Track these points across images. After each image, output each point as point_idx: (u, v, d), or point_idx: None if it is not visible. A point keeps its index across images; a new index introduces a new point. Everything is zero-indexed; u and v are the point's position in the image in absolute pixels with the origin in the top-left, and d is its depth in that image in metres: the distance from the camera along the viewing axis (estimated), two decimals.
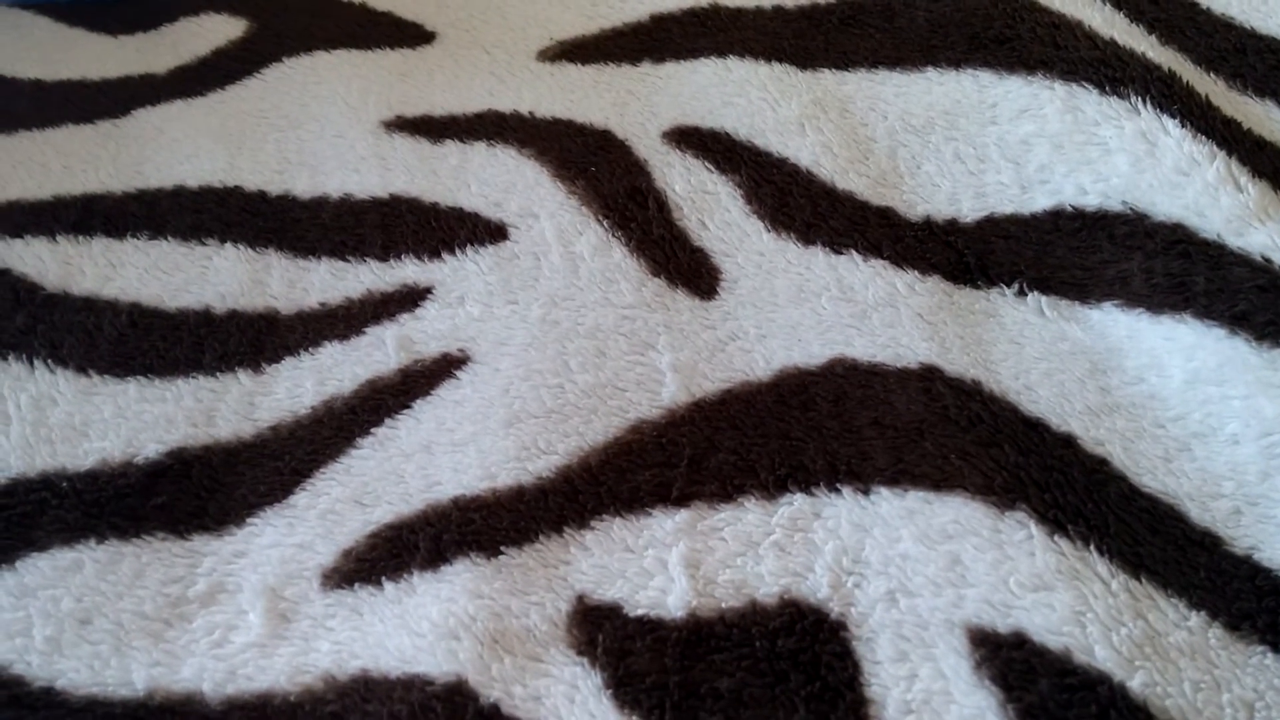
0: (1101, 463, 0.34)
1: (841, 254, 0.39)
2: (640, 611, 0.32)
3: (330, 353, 0.38)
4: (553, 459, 0.35)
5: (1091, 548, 0.32)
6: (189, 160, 0.45)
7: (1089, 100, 0.41)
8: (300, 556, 0.33)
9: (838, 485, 0.34)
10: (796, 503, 0.34)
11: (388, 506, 0.34)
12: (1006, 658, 0.30)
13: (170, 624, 0.32)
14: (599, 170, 0.43)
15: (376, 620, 0.32)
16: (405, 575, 0.32)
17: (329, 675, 0.30)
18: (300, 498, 0.34)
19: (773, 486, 0.34)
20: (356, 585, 0.32)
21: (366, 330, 0.38)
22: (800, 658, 0.30)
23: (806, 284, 0.39)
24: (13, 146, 0.46)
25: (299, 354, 0.38)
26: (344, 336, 0.38)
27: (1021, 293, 0.38)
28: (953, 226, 0.40)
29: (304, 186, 0.43)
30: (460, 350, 0.38)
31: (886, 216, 0.41)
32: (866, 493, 0.34)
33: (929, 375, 0.36)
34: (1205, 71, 0.44)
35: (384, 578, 0.32)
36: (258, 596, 0.32)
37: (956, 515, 0.33)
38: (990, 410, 0.35)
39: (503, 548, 0.33)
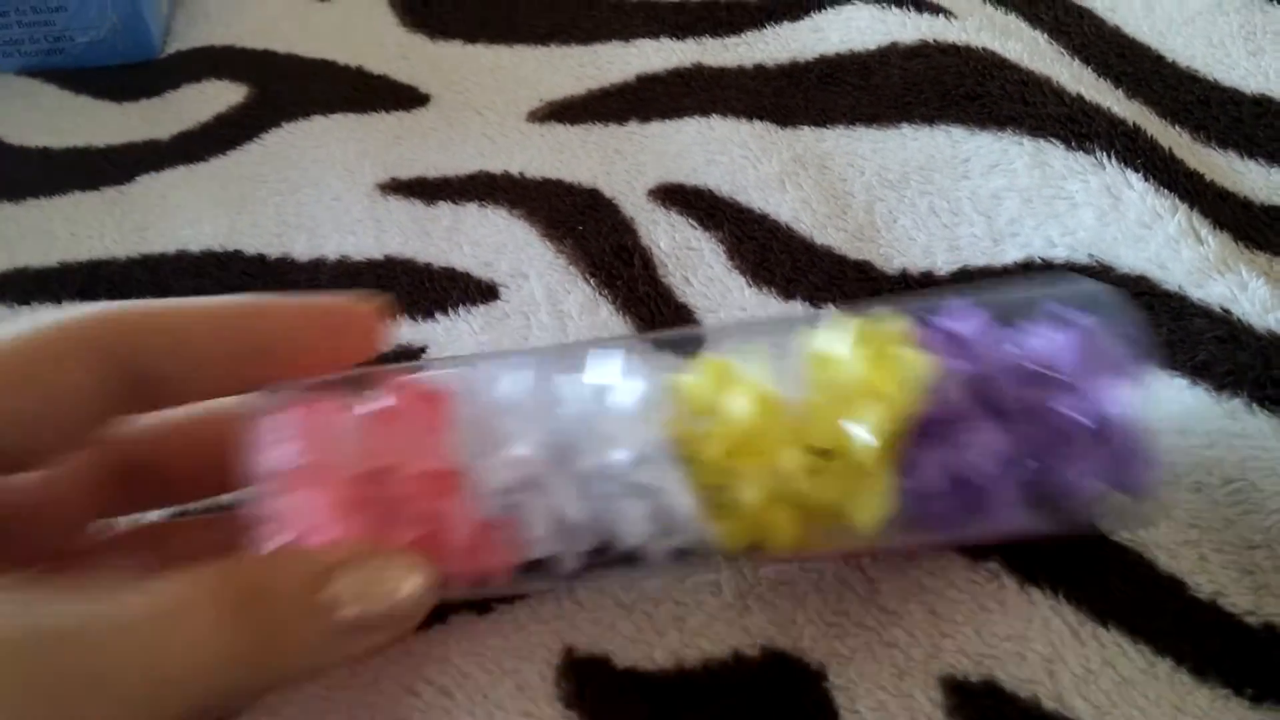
0: None
1: (820, 308, 0.41)
2: (629, 664, 0.33)
3: None
4: None
5: (1061, 596, 0.33)
6: (191, 225, 0.46)
7: (1056, 155, 0.43)
8: None
9: None
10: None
11: None
12: (979, 706, 0.31)
13: None
14: (586, 229, 0.44)
15: (372, 678, 0.33)
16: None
17: None
18: None
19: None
20: None
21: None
22: (782, 708, 0.32)
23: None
24: (21, 215, 0.47)
25: None
26: None
27: None
28: (928, 279, 0.42)
29: (302, 249, 0.45)
30: None
31: (864, 270, 0.42)
32: None
33: None
34: (1170, 124, 0.45)
35: None
36: None
37: (932, 566, 0.34)
38: None
39: (494, 604, 0.34)
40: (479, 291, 0.43)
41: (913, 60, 0.48)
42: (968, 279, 0.42)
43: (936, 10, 0.50)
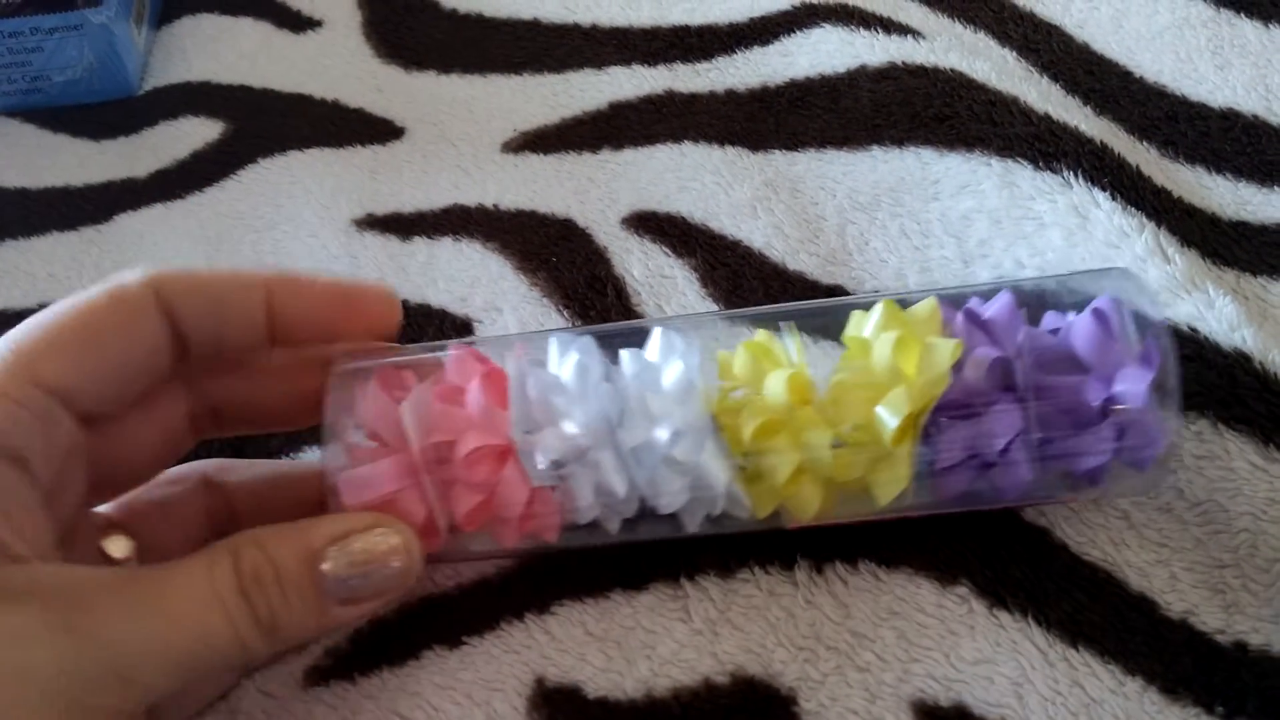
0: (1042, 534, 0.35)
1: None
2: (600, 693, 0.33)
3: (312, 459, 0.40)
4: None
5: (1030, 619, 0.33)
6: (169, 264, 0.47)
7: (1024, 175, 0.43)
8: (289, 658, 0.35)
9: (793, 563, 0.35)
10: (753, 580, 0.35)
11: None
12: None
13: None
14: (560, 260, 0.44)
15: (349, 713, 0.33)
16: (376, 671, 0.34)
17: None
18: None
19: (732, 563, 0.35)
20: (332, 681, 0.34)
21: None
22: None
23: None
24: None
25: (284, 458, 0.40)
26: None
27: None
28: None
29: None
30: None
31: (836, 295, 0.42)
32: (820, 570, 0.35)
33: None
34: (1138, 140, 0.45)
35: (356, 673, 0.34)
36: (246, 695, 0.34)
37: (903, 591, 0.34)
38: None
39: (465, 638, 0.34)
40: (454, 328, 0.43)
41: (881, 82, 0.48)
42: None
43: (905, 31, 0.50)
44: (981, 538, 0.35)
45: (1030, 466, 0.31)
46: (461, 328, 0.43)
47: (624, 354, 0.32)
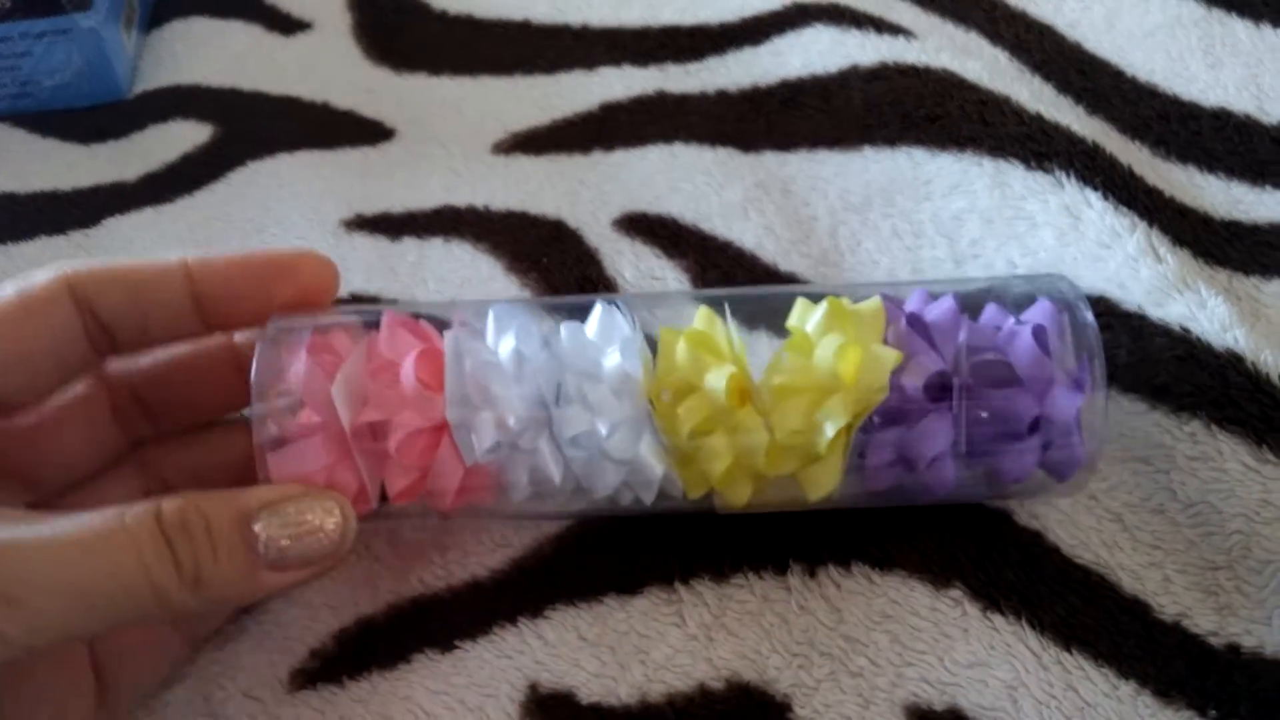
0: (1036, 536, 0.35)
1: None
2: (593, 699, 0.33)
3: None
4: (508, 551, 0.36)
5: (1024, 622, 0.33)
6: None
7: (1016, 175, 0.43)
8: (274, 659, 0.35)
9: (786, 567, 0.35)
10: (747, 585, 0.35)
11: (353, 609, 0.35)
12: None
13: None
14: (551, 261, 0.44)
15: (337, 718, 0.33)
16: (365, 674, 0.34)
17: None
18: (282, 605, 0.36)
19: (726, 568, 0.35)
20: (319, 684, 0.34)
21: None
22: None
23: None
24: None
25: None
26: None
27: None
28: None
29: None
30: None
31: None
32: (813, 574, 0.35)
33: None
34: (1130, 139, 0.45)
35: (345, 677, 0.34)
36: (230, 699, 0.34)
37: (896, 595, 0.34)
38: None
39: (457, 642, 0.34)
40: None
41: (873, 82, 0.48)
42: None
43: (896, 31, 0.50)
44: (975, 541, 0.35)
45: (956, 471, 0.32)
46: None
47: (563, 328, 0.32)
